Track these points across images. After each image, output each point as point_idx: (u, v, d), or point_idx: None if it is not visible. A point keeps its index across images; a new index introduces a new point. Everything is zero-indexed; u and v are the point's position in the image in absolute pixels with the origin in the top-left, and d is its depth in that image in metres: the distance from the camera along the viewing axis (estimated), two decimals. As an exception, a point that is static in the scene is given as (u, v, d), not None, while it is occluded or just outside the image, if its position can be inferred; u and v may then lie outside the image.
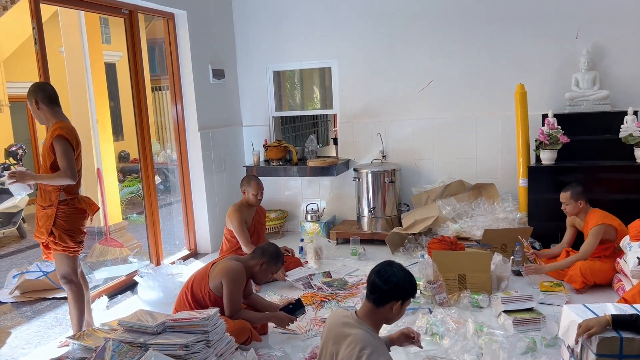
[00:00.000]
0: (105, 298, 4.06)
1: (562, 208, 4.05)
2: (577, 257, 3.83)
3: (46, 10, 4.66)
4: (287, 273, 4.29)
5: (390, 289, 2.21)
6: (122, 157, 8.97)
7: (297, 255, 4.80)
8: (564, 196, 4.00)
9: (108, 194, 5.68)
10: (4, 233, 6.64)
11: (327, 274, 4.34)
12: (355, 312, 2.31)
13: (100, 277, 4.81)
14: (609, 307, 2.60)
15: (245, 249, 4.21)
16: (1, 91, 7.87)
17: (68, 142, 3.15)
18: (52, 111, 3.25)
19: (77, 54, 5.50)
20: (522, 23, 5.08)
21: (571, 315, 2.59)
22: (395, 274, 2.24)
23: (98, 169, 5.62)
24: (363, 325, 2.23)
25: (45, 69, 3.73)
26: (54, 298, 4.42)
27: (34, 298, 4.45)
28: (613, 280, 3.80)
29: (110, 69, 8.45)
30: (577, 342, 2.45)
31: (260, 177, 4.94)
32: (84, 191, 5.87)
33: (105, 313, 3.89)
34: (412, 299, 2.34)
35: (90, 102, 5.57)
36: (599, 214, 3.90)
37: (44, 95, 3.22)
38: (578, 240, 4.12)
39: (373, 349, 2.11)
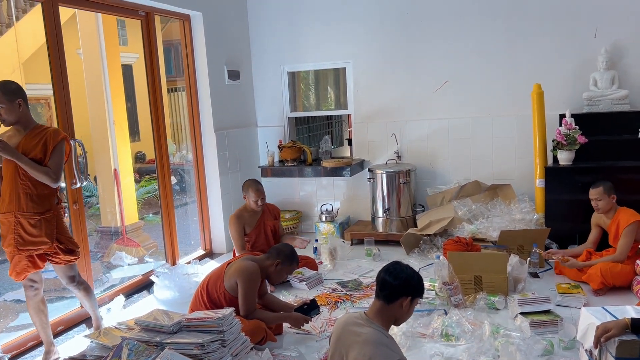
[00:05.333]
0: (121, 297, 4.10)
1: (594, 205, 3.96)
2: (613, 258, 3.74)
3: (65, 12, 4.73)
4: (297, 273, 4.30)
5: (400, 284, 2.27)
6: (139, 158, 9.05)
7: (312, 256, 4.81)
8: (596, 192, 3.91)
9: (125, 194, 5.74)
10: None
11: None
12: (364, 312, 2.33)
13: (116, 276, 4.86)
14: (629, 310, 2.55)
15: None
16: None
17: (65, 149, 3.15)
18: (29, 113, 3.14)
19: (95, 56, 5.56)
20: (539, 22, 5.03)
21: (590, 317, 2.55)
22: (404, 270, 2.33)
23: (115, 170, 5.68)
24: (373, 324, 2.24)
25: (63, 71, 3.78)
26: (72, 297, 4.47)
27: (53, 297, 4.52)
28: (632, 282, 3.73)
29: (127, 70, 8.52)
30: (596, 346, 2.41)
31: (274, 178, 4.92)
32: (101, 191, 5.94)
33: (121, 312, 3.93)
34: (420, 299, 2.36)
35: (107, 103, 5.62)
36: (629, 212, 3.83)
37: (25, 96, 3.10)
38: (602, 241, 4.08)
39: (385, 352, 2.10)
